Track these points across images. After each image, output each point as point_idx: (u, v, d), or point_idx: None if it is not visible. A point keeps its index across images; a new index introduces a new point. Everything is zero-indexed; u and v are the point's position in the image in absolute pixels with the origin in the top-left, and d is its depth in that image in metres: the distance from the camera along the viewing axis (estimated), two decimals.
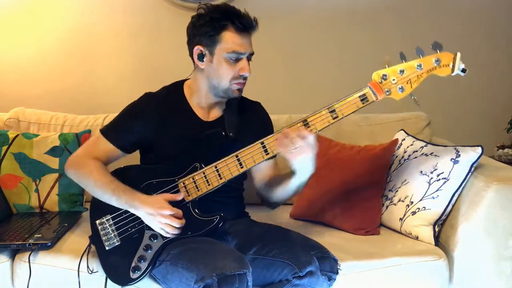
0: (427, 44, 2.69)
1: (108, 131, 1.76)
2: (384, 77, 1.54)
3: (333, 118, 1.55)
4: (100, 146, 1.75)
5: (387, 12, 2.72)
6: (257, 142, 1.58)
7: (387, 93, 1.55)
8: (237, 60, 1.64)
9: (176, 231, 1.61)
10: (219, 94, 1.71)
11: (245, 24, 1.62)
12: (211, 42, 1.63)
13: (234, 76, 1.65)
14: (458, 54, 1.51)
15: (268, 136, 1.58)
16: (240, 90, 1.70)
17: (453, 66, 1.51)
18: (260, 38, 1.68)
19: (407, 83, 1.54)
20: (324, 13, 2.71)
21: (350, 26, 2.73)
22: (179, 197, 1.63)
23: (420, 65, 1.53)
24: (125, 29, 2.68)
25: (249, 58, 1.67)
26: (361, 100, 1.55)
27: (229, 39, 1.62)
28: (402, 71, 1.54)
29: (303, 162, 1.53)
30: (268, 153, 1.58)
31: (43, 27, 2.65)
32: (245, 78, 1.68)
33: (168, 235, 1.62)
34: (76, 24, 2.66)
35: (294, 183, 1.61)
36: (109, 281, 1.67)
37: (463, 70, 1.52)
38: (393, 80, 1.54)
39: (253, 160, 1.59)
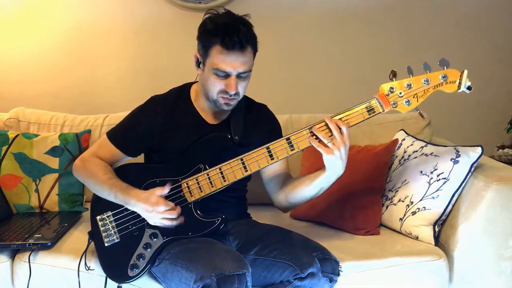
0: (428, 44, 2.71)
1: (114, 135, 1.78)
2: (391, 89, 1.57)
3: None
4: (105, 148, 1.77)
5: (388, 12, 2.72)
6: (262, 147, 1.59)
7: (394, 106, 1.58)
8: (226, 76, 1.61)
9: (174, 223, 1.59)
10: (211, 103, 1.69)
11: (233, 44, 1.55)
12: (204, 53, 1.62)
13: (221, 90, 1.62)
14: (465, 72, 1.55)
15: (274, 141, 1.59)
16: (228, 105, 1.66)
17: (460, 83, 1.56)
18: (261, 37, 1.68)
19: (413, 97, 1.57)
20: (325, 13, 2.71)
21: (351, 26, 2.72)
22: (166, 189, 1.59)
23: (427, 80, 1.56)
24: (125, 29, 2.68)
25: (241, 76, 1.61)
26: (368, 111, 1.57)
27: (216, 56, 1.58)
28: (409, 85, 1.56)
29: (334, 159, 1.53)
30: (273, 158, 1.59)
31: (43, 27, 2.65)
32: (235, 95, 1.63)
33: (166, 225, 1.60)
34: (76, 24, 2.66)
35: (321, 183, 1.62)
36: (108, 281, 1.67)
37: (469, 88, 1.56)
38: (400, 93, 1.57)
39: (257, 164, 1.60)
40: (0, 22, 2.62)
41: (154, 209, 1.57)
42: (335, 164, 1.56)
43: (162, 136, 1.73)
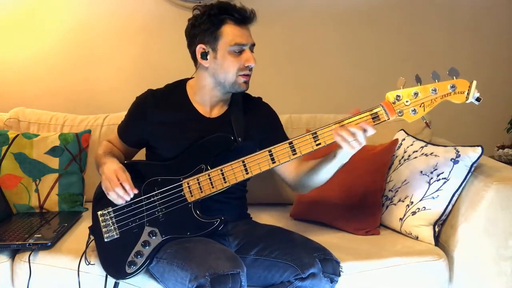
0: (431, 44, 2.71)
1: (119, 125, 1.88)
2: (398, 98, 1.54)
3: None
4: (116, 139, 1.88)
5: (390, 12, 2.71)
6: (264, 150, 1.60)
7: (399, 114, 1.55)
8: (241, 52, 1.66)
9: (121, 200, 1.62)
10: (226, 89, 1.72)
11: (243, 16, 1.65)
12: (213, 38, 1.65)
13: (240, 67, 1.66)
14: (474, 83, 1.51)
15: (276, 145, 1.59)
16: (246, 83, 1.71)
17: (468, 94, 1.52)
18: (261, 37, 1.69)
19: (420, 106, 1.54)
20: (327, 12, 2.70)
21: (353, 26, 2.72)
22: (134, 190, 1.61)
23: (435, 90, 1.53)
24: (125, 29, 2.68)
25: (251, 49, 1.69)
26: (373, 119, 1.55)
27: (230, 32, 1.64)
28: (416, 94, 1.54)
29: (351, 153, 1.56)
30: (274, 162, 1.59)
31: (43, 27, 2.65)
32: (250, 69, 1.69)
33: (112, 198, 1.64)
34: (76, 24, 2.66)
35: (335, 168, 1.64)
36: (108, 281, 1.67)
37: (478, 99, 1.52)
38: (407, 101, 1.54)
39: (259, 167, 1.60)
40: (0, 22, 2.62)
41: (116, 177, 1.60)
42: (348, 157, 1.59)
43: (158, 127, 1.75)
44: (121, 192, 1.59)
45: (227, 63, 1.66)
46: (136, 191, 1.62)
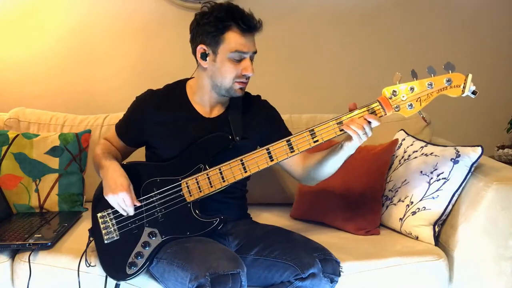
0: (432, 44, 2.71)
1: (117, 124, 1.87)
2: (394, 93, 1.55)
3: (340, 130, 1.56)
4: (112, 133, 1.88)
5: (390, 12, 2.72)
6: (262, 148, 1.60)
7: (396, 109, 1.56)
8: (240, 60, 1.65)
9: (128, 210, 1.63)
10: (221, 93, 1.71)
11: (249, 25, 1.63)
12: (214, 42, 1.64)
13: (237, 75, 1.66)
14: (470, 76, 1.52)
15: (274, 143, 1.59)
16: (242, 89, 1.70)
17: (464, 87, 1.52)
18: (262, 37, 1.69)
19: (416, 100, 1.55)
20: (327, 12, 2.71)
21: (353, 25, 2.72)
22: (136, 202, 1.64)
23: (431, 84, 1.53)
24: (125, 29, 2.68)
25: (252, 58, 1.68)
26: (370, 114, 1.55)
27: (233, 40, 1.62)
28: (412, 89, 1.54)
29: (358, 144, 1.57)
30: (272, 160, 1.59)
31: (43, 27, 2.65)
32: (247, 78, 1.69)
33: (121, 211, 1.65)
34: (76, 24, 2.66)
35: (343, 157, 1.64)
36: (108, 281, 1.67)
37: (474, 92, 1.53)
38: (403, 96, 1.55)
39: (257, 166, 1.60)
40: (0, 22, 2.62)
41: (118, 190, 1.60)
42: (355, 148, 1.60)
43: (157, 127, 1.75)
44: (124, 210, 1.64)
45: (225, 69, 1.65)
46: (138, 204, 1.64)
